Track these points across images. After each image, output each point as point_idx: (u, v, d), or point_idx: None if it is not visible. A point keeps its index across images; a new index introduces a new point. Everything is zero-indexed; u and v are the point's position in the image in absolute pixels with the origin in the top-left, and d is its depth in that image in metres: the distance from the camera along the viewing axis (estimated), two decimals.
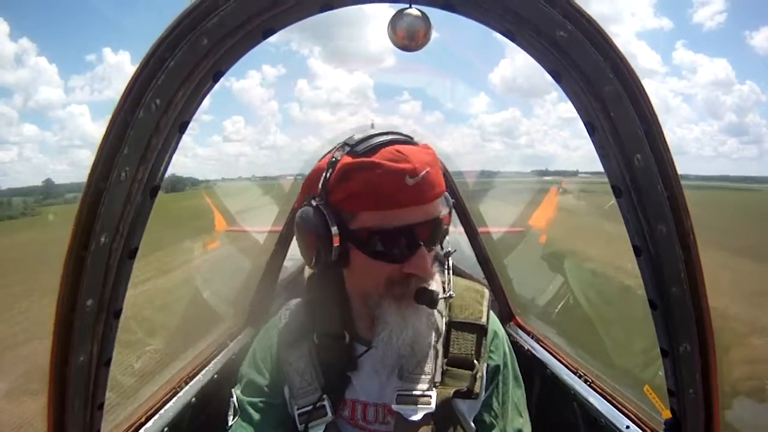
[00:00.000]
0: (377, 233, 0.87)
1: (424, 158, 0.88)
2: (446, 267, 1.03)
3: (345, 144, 0.91)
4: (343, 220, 0.88)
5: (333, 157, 0.89)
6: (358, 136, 0.90)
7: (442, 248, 1.03)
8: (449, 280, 1.01)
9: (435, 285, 0.95)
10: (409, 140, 0.92)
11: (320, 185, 0.89)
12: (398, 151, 0.87)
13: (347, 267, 0.93)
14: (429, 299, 0.91)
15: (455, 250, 1.07)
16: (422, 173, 0.85)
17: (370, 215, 0.87)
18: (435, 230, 0.91)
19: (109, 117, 0.66)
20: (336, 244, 0.87)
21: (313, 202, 0.89)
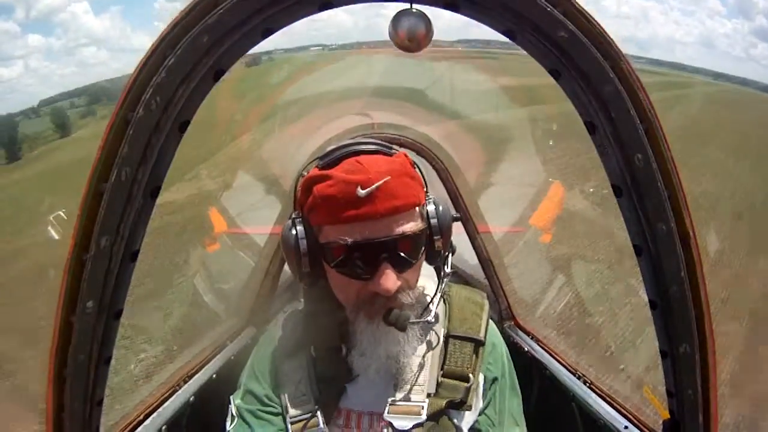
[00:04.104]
0: (333, 248, 0.86)
1: (384, 168, 0.84)
2: (437, 289, 0.97)
3: (317, 157, 0.91)
4: (315, 234, 0.89)
5: (304, 170, 0.91)
6: (330, 148, 0.90)
7: (444, 261, 0.98)
8: (429, 304, 0.96)
9: (411, 302, 0.91)
10: (382, 149, 0.89)
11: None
12: (358, 161, 0.85)
13: (325, 280, 0.93)
14: (397, 322, 0.87)
15: (453, 272, 1.02)
16: (376, 184, 0.81)
17: (330, 229, 0.86)
18: (403, 247, 0.85)
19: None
20: (305, 257, 0.88)
21: (293, 215, 0.92)
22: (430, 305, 0.96)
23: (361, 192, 0.81)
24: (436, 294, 0.97)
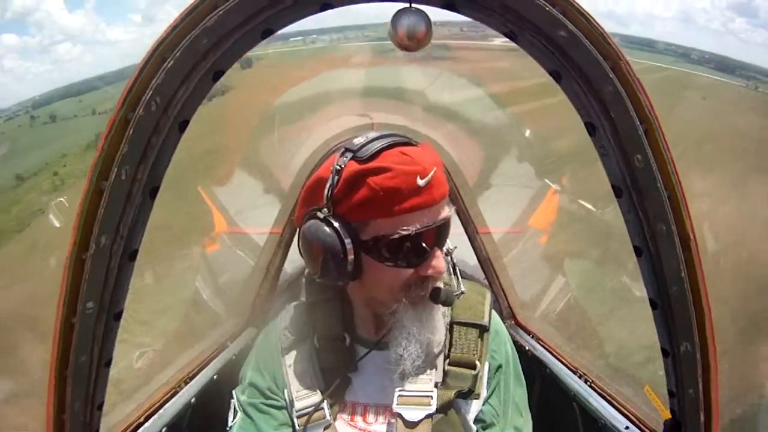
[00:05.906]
0: (393, 240, 0.85)
1: (429, 158, 0.88)
2: (451, 265, 1.02)
3: (346, 149, 0.87)
4: (355, 231, 0.86)
5: (336, 164, 0.86)
6: (358, 141, 0.87)
7: None
8: (458, 277, 1.01)
9: (447, 279, 0.96)
10: (409, 141, 0.91)
11: (326, 195, 0.86)
12: (403, 153, 0.85)
13: (359, 278, 0.90)
14: (446, 297, 0.92)
15: (456, 247, 1.04)
16: (431, 173, 0.84)
17: (382, 222, 0.85)
18: (447, 230, 0.92)
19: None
20: (351, 257, 0.85)
21: (320, 215, 0.86)
22: (457, 279, 0.99)
23: (421, 182, 0.83)
24: (454, 270, 1.01)
